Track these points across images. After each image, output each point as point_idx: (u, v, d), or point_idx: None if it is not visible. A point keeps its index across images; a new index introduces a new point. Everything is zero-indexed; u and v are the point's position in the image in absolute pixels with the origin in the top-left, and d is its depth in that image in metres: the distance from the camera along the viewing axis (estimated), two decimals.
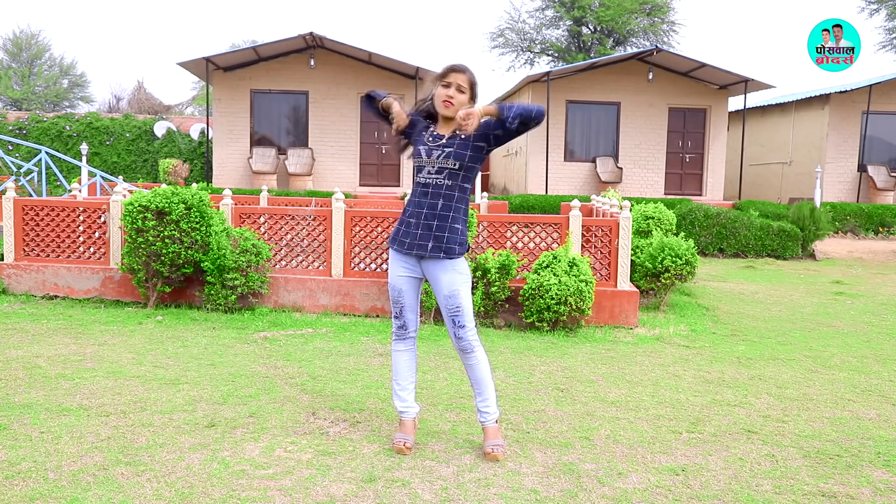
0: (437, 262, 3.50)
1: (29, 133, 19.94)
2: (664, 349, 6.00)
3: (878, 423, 4.21)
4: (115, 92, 32.38)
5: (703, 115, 18.46)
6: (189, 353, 5.34)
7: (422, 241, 3.48)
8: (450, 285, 3.51)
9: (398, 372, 3.73)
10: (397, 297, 3.65)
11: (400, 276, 3.61)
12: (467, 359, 3.58)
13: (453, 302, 3.50)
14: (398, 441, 3.58)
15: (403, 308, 3.66)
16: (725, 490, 3.24)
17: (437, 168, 3.46)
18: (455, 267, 3.51)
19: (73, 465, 3.28)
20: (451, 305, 3.51)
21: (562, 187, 18.05)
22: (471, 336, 3.53)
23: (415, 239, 3.49)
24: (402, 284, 3.62)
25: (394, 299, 3.67)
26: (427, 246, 3.47)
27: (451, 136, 3.51)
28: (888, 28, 31.17)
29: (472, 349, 3.55)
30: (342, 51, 17.32)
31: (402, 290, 3.63)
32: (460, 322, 3.51)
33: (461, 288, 3.52)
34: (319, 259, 7.18)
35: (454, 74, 3.46)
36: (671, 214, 8.79)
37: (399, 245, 3.57)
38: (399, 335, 3.72)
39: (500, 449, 3.53)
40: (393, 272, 3.64)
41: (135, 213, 6.65)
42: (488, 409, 3.61)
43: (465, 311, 3.51)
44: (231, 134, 17.83)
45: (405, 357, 3.73)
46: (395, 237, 3.60)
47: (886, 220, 15.66)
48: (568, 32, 32.68)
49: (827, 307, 8.30)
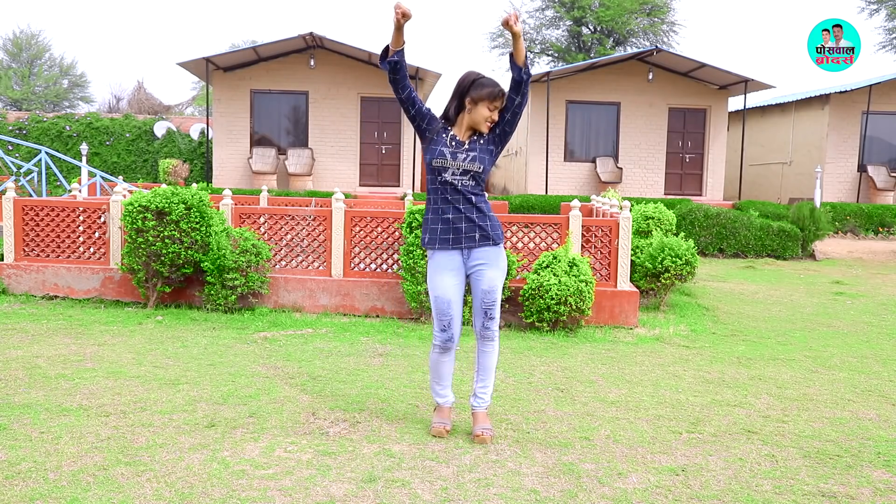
0: (486, 249, 3.67)
1: (29, 133, 19.94)
2: (664, 349, 6.00)
3: (878, 423, 4.21)
4: (115, 92, 32.40)
5: (703, 115, 18.46)
6: (189, 354, 5.34)
7: (468, 233, 3.64)
8: (491, 280, 3.68)
9: (440, 376, 3.82)
10: (446, 310, 3.67)
11: (450, 287, 3.66)
12: (487, 346, 3.77)
13: (491, 297, 3.69)
14: (437, 425, 3.74)
15: (452, 320, 3.69)
16: (725, 490, 3.24)
17: (462, 171, 3.62)
18: (499, 260, 3.70)
19: (73, 465, 3.28)
20: (487, 300, 3.69)
21: (562, 187, 18.05)
22: (496, 328, 3.76)
23: (460, 233, 3.63)
24: (453, 295, 3.67)
25: (442, 312, 3.68)
26: (475, 237, 3.64)
27: (472, 141, 3.69)
28: (888, 28, 31.18)
29: (494, 337, 3.76)
30: (342, 51, 17.32)
31: (452, 302, 3.68)
32: (492, 314, 3.72)
33: (499, 285, 3.72)
34: (319, 259, 7.18)
35: (500, 101, 3.61)
36: (671, 214, 8.79)
37: (443, 243, 3.65)
38: (444, 347, 3.74)
39: (490, 432, 3.70)
40: (441, 283, 3.67)
41: (135, 213, 6.65)
42: (485, 394, 3.81)
43: (497, 305, 3.73)
44: (231, 134, 17.83)
45: (447, 364, 3.81)
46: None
47: (886, 220, 15.66)
48: (568, 32, 32.68)
49: (827, 307, 8.30)
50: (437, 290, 3.69)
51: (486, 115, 3.63)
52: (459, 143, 3.66)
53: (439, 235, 3.66)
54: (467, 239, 3.64)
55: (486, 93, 3.60)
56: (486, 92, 3.60)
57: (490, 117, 3.63)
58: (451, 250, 3.67)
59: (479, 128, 3.65)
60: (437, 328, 3.72)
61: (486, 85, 3.62)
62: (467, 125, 3.69)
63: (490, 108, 3.62)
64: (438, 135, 3.70)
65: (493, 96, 3.61)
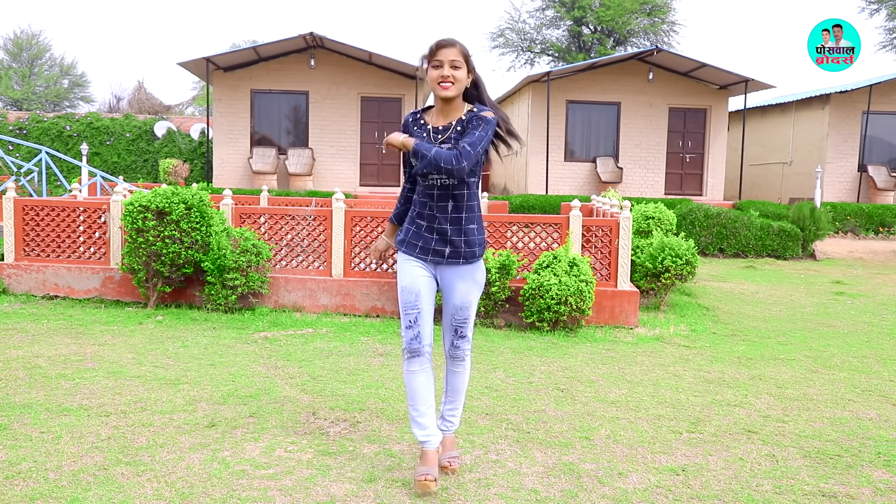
0: (455, 268, 3.21)
1: (29, 133, 19.94)
2: (664, 349, 6.00)
3: (879, 423, 4.21)
4: (115, 92, 32.39)
5: (704, 115, 18.45)
6: (189, 353, 5.34)
7: (437, 246, 3.16)
8: (464, 295, 3.24)
9: (414, 397, 3.21)
10: (413, 302, 3.16)
11: (419, 278, 3.19)
12: (456, 366, 3.35)
13: (463, 314, 3.26)
14: (420, 476, 3.10)
15: (419, 315, 3.16)
16: (725, 490, 3.24)
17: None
18: (474, 275, 3.24)
19: (73, 465, 3.28)
20: (459, 317, 3.26)
21: (562, 187, 18.05)
22: (468, 347, 3.33)
23: (429, 244, 3.17)
24: (422, 286, 3.18)
25: (409, 305, 3.17)
26: (444, 252, 3.17)
27: (447, 128, 3.14)
28: (888, 28, 31.17)
29: (464, 358, 3.34)
30: (342, 51, 17.32)
31: (420, 293, 3.17)
32: (463, 333, 3.30)
33: (474, 300, 3.27)
34: (320, 259, 7.18)
35: (443, 51, 3.05)
36: (671, 214, 8.79)
37: (410, 248, 3.21)
38: (412, 352, 3.18)
39: (457, 461, 3.35)
40: (408, 273, 3.20)
41: (135, 213, 6.65)
42: (454, 417, 3.42)
43: (471, 323, 3.30)
44: (231, 134, 17.83)
45: (421, 379, 3.20)
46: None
47: (887, 220, 15.65)
48: (568, 32, 32.67)
49: (827, 307, 8.29)
50: (405, 281, 3.19)
51: (434, 75, 3.08)
52: (436, 132, 3.15)
53: (408, 239, 3.23)
54: (435, 253, 3.17)
55: (425, 53, 3.12)
56: (432, 45, 3.10)
57: (439, 76, 3.06)
58: (417, 259, 3.21)
59: (439, 94, 3.09)
60: (403, 325, 3.19)
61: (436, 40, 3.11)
62: (439, 107, 3.19)
63: (433, 65, 3.08)
64: (410, 127, 3.23)
65: (430, 53, 3.09)
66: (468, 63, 3.10)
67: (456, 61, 3.05)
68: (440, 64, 3.06)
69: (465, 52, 3.08)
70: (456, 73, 3.06)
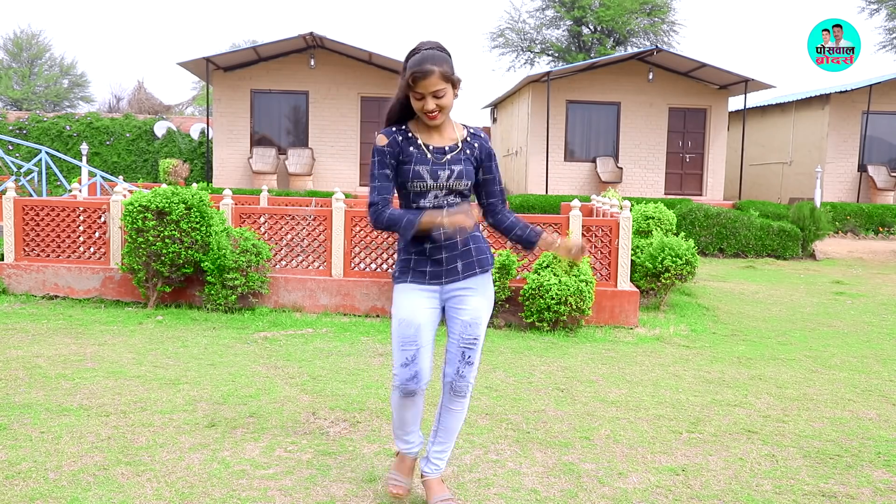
0: (469, 279, 2.90)
1: (29, 133, 19.94)
2: (664, 349, 6.00)
3: (879, 423, 4.21)
4: (115, 92, 32.43)
5: (704, 115, 18.45)
6: (189, 353, 5.34)
7: (449, 264, 2.86)
8: (475, 310, 2.91)
9: (404, 423, 2.99)
10: (413, 337, 2.81)
11: (421, 310, 2.84)
12: (454, 403, 2.96)
13: (472, 332, 2.90)
14: (392, 482, 3.02)
15: (419, 352, 2.82)
16: (725, 490, 3.24)
17: (448, 190, 2.84)
18: (486, 287, 2.96)
19: (73, 465, 3.28)
20: (468, 335, 2.90)
21: (562, 187, 18.05)
22: (472, 378, 2.96)
23: (439, 266, 2.85)
24: (423, 319, 2.84)
25: (407, 340, 2.82)
26: (457, 268, 2.87)
27: (454, 149, 2.86)
28: (888, 28, 31.17)
29: (465, 393, 2.96)
30: (342, 51, 17.33)
31: (421, 327, 2.82)
32: (470, 358, 2.91)
33: (484, 317, 2.94)
34: (319, 259, 7.18)
35: (423, 83, 2.70)
36: (671, 214, 8.79)
37: (417, 276, 2.87)
38: (406, 389, 2.85)
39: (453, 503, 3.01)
40: (409, 304, 2.85)
41: (135, 213, 6.65)
42: (441, 461, 3.04)
43: (479, 347, 2.93)
44: (231, 134, 17.83)
45: (413, 411, 2.95)
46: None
47: (886, 220, 15.66)
48: (568, 32, 32.67)
49: (827, 307, 8.29)
50: (404, 312, 2.83)
51: (418, 107, 2.76)
52: (439, 153, 2.84)
53: (412, 267, 2.88)
54: (448, 273, 2.86)
55: (409, 77, 2.71)
56: (409, 76, 2.71)
57: (424, 109, 2.74)
58: (428, 286, 2.88)
59: (428, 123, 2.81)
60: (398, 362, 2.84)
61: (411, 65, 2.72)
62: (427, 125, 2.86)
63: (416, 96, 2.73)
64: (409, 151, 2.82)
65: (415, 79, 2.70)
66: (451, 81, 2.75)
67: (438, 91, 2.72)
68: (422, 96, 2.73)
69: (445, 73, 2.72)
70: (441, 101, 2.74)
